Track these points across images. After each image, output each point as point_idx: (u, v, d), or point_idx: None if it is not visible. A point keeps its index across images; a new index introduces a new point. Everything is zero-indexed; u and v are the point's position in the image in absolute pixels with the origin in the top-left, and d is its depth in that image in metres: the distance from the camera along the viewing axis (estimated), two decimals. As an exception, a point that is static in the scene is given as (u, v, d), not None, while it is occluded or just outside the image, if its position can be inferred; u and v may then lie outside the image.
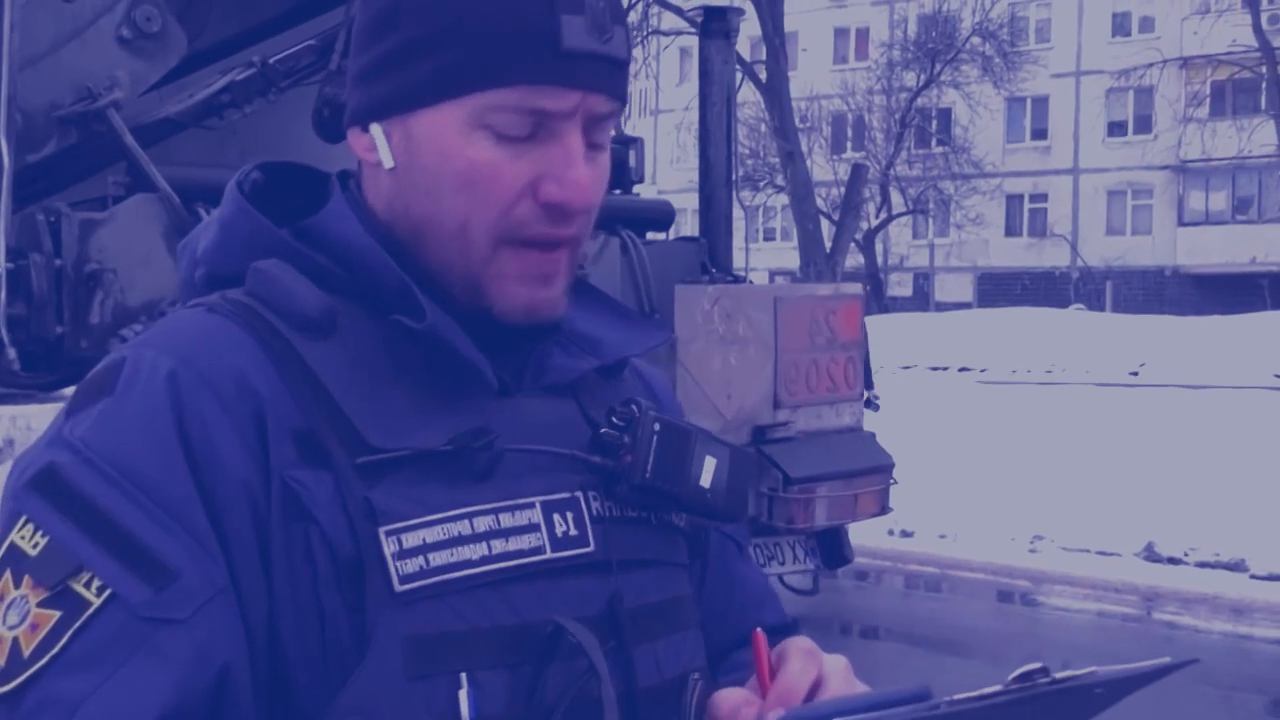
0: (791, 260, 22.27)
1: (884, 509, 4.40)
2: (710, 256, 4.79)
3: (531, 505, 0.99)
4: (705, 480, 1.05)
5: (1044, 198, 39.44)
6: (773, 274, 36.14)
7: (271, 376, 0.96)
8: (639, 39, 23.49)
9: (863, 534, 8.64)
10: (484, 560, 0.96)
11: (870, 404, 4.77)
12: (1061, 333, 22.00)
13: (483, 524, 0.96)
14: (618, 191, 4.90)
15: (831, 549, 4.44)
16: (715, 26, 4.87)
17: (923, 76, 31.47)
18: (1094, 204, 38.50)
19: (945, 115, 35.18)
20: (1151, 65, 28.57)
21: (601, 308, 1.15)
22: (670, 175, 32.21)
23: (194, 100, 3.91)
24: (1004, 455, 11.39)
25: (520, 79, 0.96)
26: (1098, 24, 38.01)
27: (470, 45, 0.97)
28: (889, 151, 32.14)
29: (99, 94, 3.64)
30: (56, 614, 0.86)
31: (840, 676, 0.99)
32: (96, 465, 0.91)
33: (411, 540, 0.93)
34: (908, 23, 35.45)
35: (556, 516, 1.00)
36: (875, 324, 24.18)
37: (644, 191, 6.04)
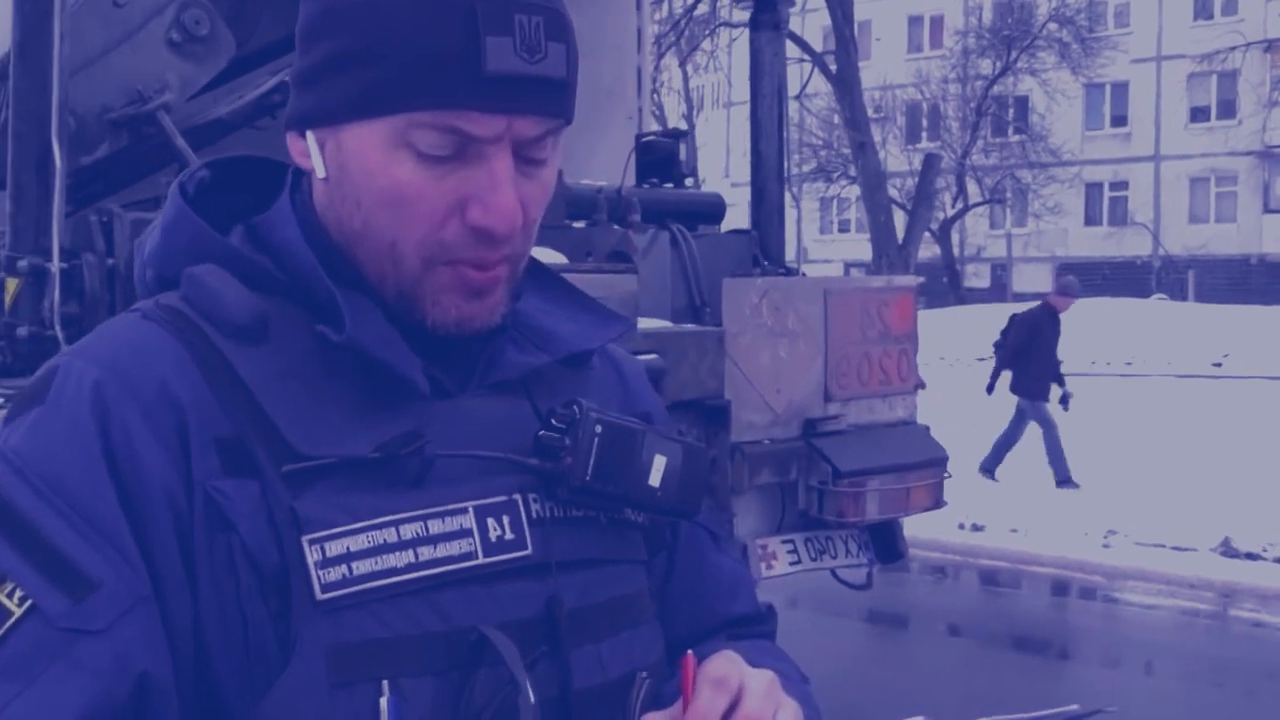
0: (866, 252, 22.07)
1: (938, 503, 4.34)
2: (762, 249, 4.76)
3: (464, 510, 0.98)
4: (655, 479, 1.04)
5: (1124, 185, 38.74)
6: (847, 265, 35.87)
7: (198, 384, 0.96)
8: (708, 31, 23.43)
9: (933, 528, 8.58)
10: (410, 568, 0.95)
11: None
12: (1142, 323, 21.64)
13: (409, 531, 0.96)
14: (668, 185, 4.88)
15: (885, 543, 4.39)
16: (765, 18, 4.84)
17: (998, 64, 31.06)
18: (1176, 191, 37.75)
19: (1022, 103, 34.72)
20: (1235, 48, 27.98)
21: (564, 299, 1.15)
22: (743, 168, 32.08)
23: (244, 101, 3.96)
24: (1079, 448, 11.22)
25: (440, 103, 0.94)
26: (1179, 7, 37.23)
27: (391, 65, 0.95)
28: (965, 141, 31.77)
29: (149, 97, 3.69)
30: None
31: (760, 697, 0.95)
32: (25, 475, 0.92)
33: (335, 549, 0.93)
34: (983, 9, 35.01)
35: (491, 521, 0.99)
36: (951, 315, 23.93)
37: (718, 186, 6.03)
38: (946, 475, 4.39)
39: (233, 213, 1.07)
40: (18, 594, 0.88)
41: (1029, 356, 11.06)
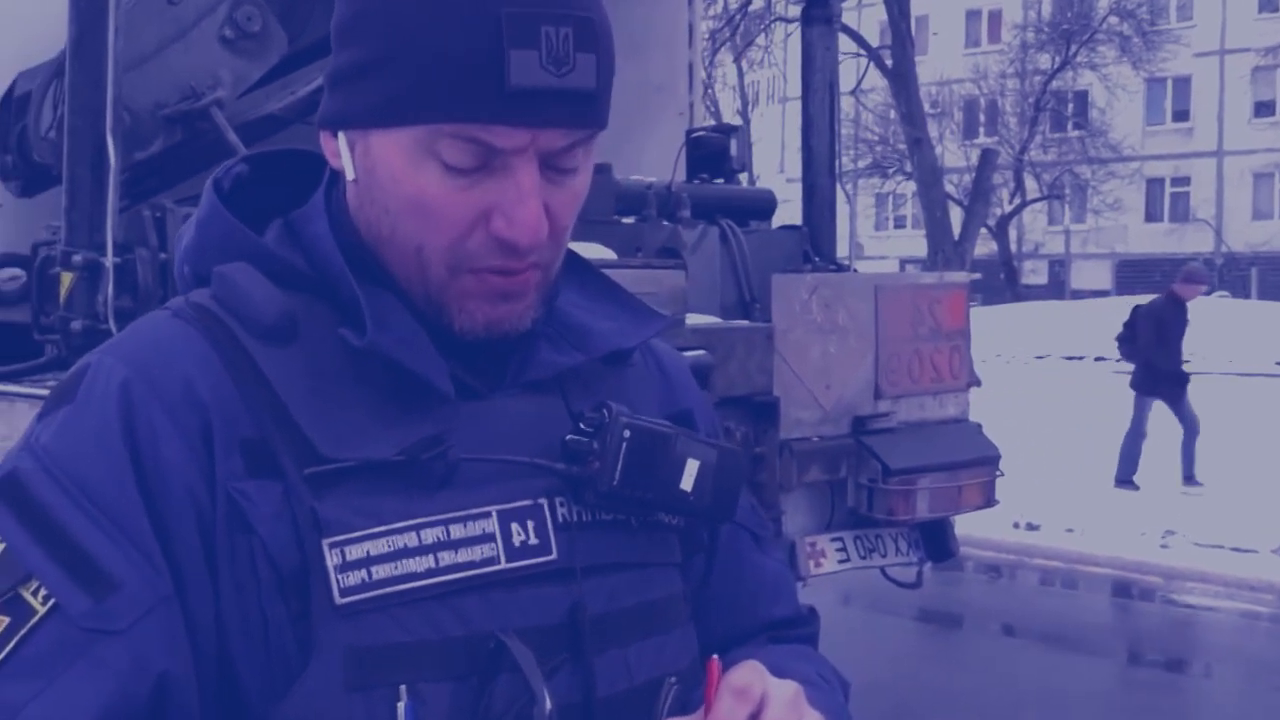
0: (922, 248, 21.93)
1: (989, 502, 4.29)
2: (813, 245, 4.73)
3: (487, 515, 0.98)
4: (687, 484, 1.03)
5: (1186, 181, 38.22)
6: (903, 262, 35.65)
7: (224, 384, 0.96)
8: (763, 26, 23.35)
9: (987, 527, 8.50)
10: (430, 573, 0.94)
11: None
12: (1203, 321, 21.24)
13: (431, 536, 0.95)
14: (719, 180, 4.86)
15: (936, 542, 4.35)
16: (817, 11, 4.80)
17: (1058, 58, 30.74)
18: (1239, 187, 37.19)
19: (1081, 98, 34.34)
20: (1301, 42, 27.49)
21: (603, 295, 1.13)
22: (798, 164, 31.94)
23: (296, 97, 3.98)
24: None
25: (463, 116, 0.93)
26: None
27: (415, 76, 0.93)
28: (1023, 136, 31.48)
29: (202, 93, 3.73)
30: (6, 620, 0.89)
31: (782, 708, 0.93)
32: (54, 474, 0.93)
33: (355, 553, 0.93)
34: (1041, 3, 34.65)
35: (515, 525, 0.98)
36: (1008, 312, 23.72)
37: (773, 182, 6.00)
38: (999, 474, 4.34)
39: (274, 207, 1.07)
40: (42, 592, 0.89)
41: (1156, 350, 10.62)
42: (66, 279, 3.38)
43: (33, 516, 0.91)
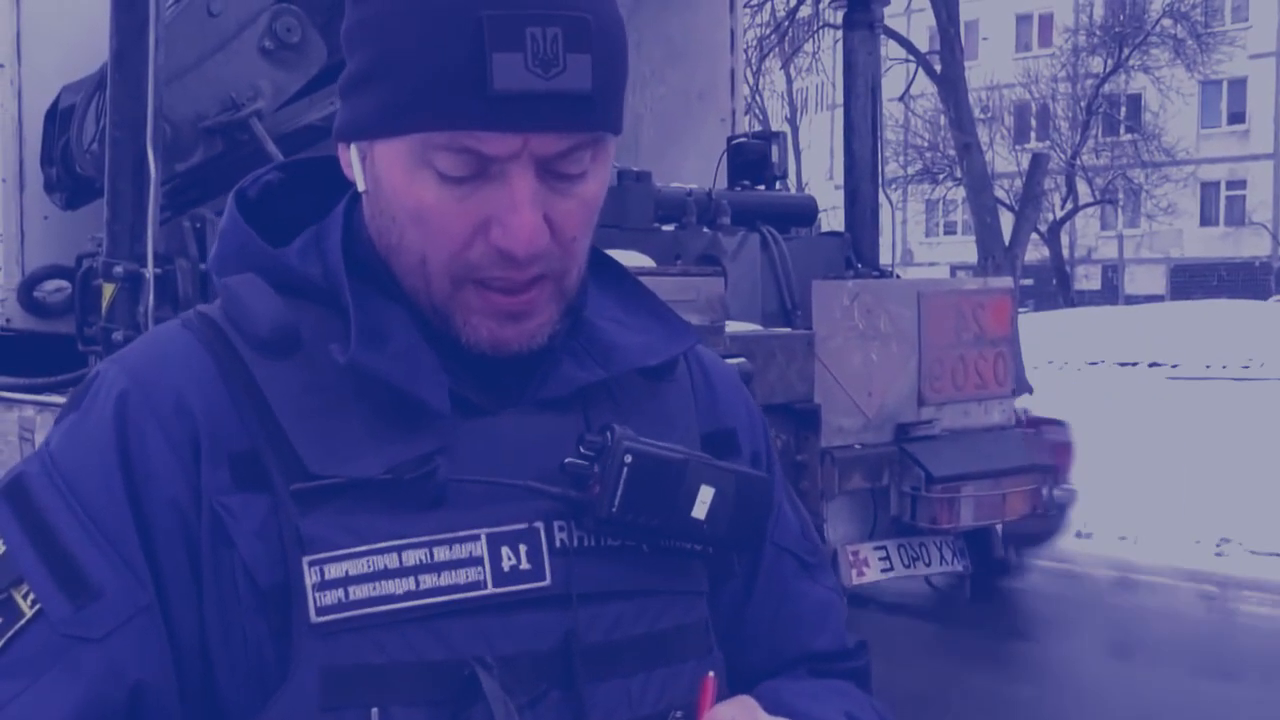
0: (973, 254, 21.76)
1: (1035, 510, 4.24)
2: (855, 251, 4.70)
3: (476, 538, 0.95)
4: (700, 511, 0.99)
5: (1242, 185, 37.71)
6: (954, 268, 35.39)
7: (219, 397, 0.96)
8: (811, 33, 23.28)
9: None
10: (408, 595, 0.93)
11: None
12: (1260, 326, 21.01)
13: (413, 557, 0.93)
14: (760, 187, 4.84)
15: (982, 550, 4.30)
16: (859, 17, 4.78)
17: (1110, 62, 30.37)
18: (1297, 190, 36.64)
19: (1134, 101, 33.95)
20: (1359, 42, 27.04)
21: (640, 307, 1.10)
22: (847, 171, 31.78)
23: (335, 107, 4.00)
24: (1192, 454, 10.92)
25: (450, 123, 0.91)
26: (1300, 0, 36.15)
27: (403, 84, 0.92)
28: (1074, 140, 31.13)
29: (242, 104, 3.76)
30: None
31: None
32: (54, 480, 0.94)
33: (334, 571, 0.92)
34: (1093, 6, 34.28)
35: (505, 549, 0.96)
36: (1060, 318, 23.49)
37: (821, 188, 5.98)
38: (1048, 483, 4.29)
39: (309, 214, 1.06)
40: (30, 596, 0.91)
41: None
42: (108, 290, 3.41)
43: (31, 520, 0.93)
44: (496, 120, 0.91)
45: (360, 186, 0.99)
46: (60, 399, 3.61)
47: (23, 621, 0.90)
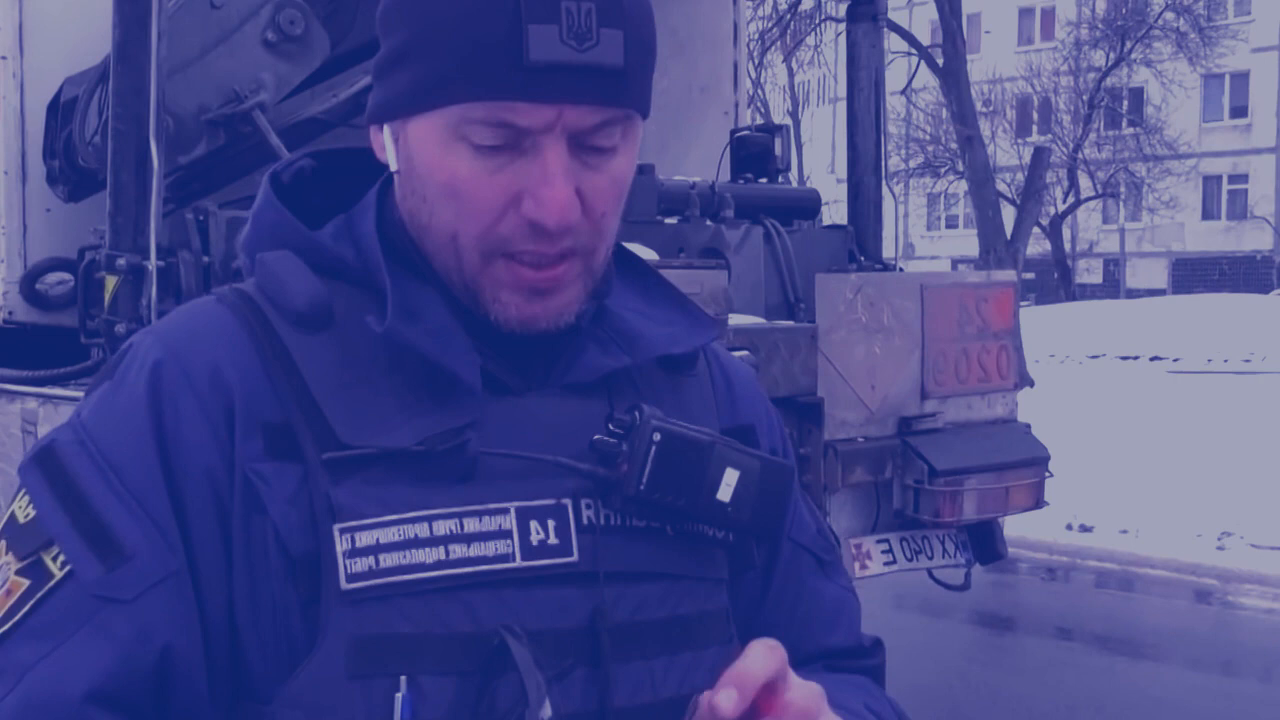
0: (974, 248, 21.75)
1: (1038, 503, 4.23)
2: (858, 244, 4.69)
3: (505, 511, 0.97)
4: (725, 494, 1.00)
5: (1244, 179, 37.69)
6: (955, 262, 35.38)
7: (254, 369, 0.97)
8: (813, 26, 23.25)
9: (1040, 528, 8.40)
10: (438, 565, 0.94)
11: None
12: (1261, 320, 20.99)
13: (443, 528, 0.94)
14: (763, 180, 4.83)
15: (984, 543, 4.30)
16: (862, 9, 4.76)
17: (1112, 55, 30.34)
18: (1299, 183, 36.60)
19: (1136, 95, 33.92)
20: (1362, 35, 27.00)
21: (662, 300, 1.11)
22: (848, 164, 31.75)
23: (339, 100, 4.00)
24: (1193, 448, 10.92)
25: (486, 94, 0.93)
26: (1303, -7, 36.10)
27: (438, 58, 0.95)
28: (1077, 134, 31.10)
29: (245, 96, 3.74)
30: (26, 583, 0.92)
31: (807, 702, 0.93)
32: (87, 447, 0.96)
33: (365, 539, 0.93)
34: (1095, 0, 34.26)
35: (534, 524, 0.97)
36: (1061, 312, 23.48)
37: (823, 181, 5.98)
38: (1048, 475, 4.29)
39: (339, 204, 1.08)
40: (60, 558, 0.92)
41: None
42: (111, 282, 3.41)
43: (63, 486, 0.94)
44: (532, 91, 0.93)
45: (393, 166, 1.02)
46: (63, 391, 3.61)
47: (52, 583, 0.92)
